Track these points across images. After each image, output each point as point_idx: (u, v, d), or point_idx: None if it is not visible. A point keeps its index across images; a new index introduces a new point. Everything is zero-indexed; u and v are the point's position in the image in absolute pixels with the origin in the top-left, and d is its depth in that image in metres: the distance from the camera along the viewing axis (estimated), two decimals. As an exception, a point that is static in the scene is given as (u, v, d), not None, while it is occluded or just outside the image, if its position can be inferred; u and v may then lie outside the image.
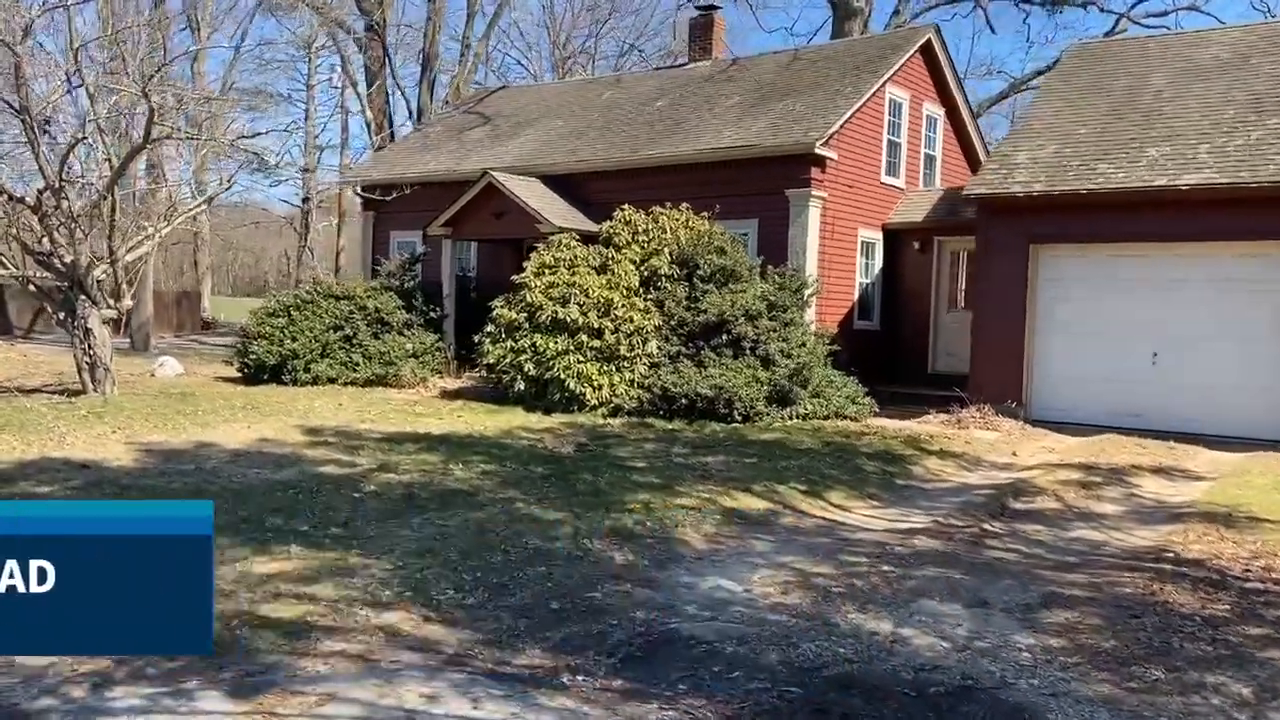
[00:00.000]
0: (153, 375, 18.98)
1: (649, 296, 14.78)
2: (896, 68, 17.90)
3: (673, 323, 14.50)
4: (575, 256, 15.74)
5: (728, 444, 11.80)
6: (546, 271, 15.65)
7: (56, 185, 15.18)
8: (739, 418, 13.22)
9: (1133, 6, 26.22)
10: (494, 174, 17.93)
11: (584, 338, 14.33)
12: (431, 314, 18.76)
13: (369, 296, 18.68)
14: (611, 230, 15.85)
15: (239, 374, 19.00)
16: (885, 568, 7.10)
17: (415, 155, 22.31)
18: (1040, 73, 28.01)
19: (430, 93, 32.93)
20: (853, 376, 14.85)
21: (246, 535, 7.36)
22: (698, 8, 21.85)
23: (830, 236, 16.73)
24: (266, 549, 7.02)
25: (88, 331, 15.48)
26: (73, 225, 15.43)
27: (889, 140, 18.25)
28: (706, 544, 7.73)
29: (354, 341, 18.16)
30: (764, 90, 18.78)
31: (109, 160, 15.44)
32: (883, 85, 17.62)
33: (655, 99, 20.42)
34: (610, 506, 8.55)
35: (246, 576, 6.38)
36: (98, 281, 15.85)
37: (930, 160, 19.78)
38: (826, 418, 13.62)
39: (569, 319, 14.52)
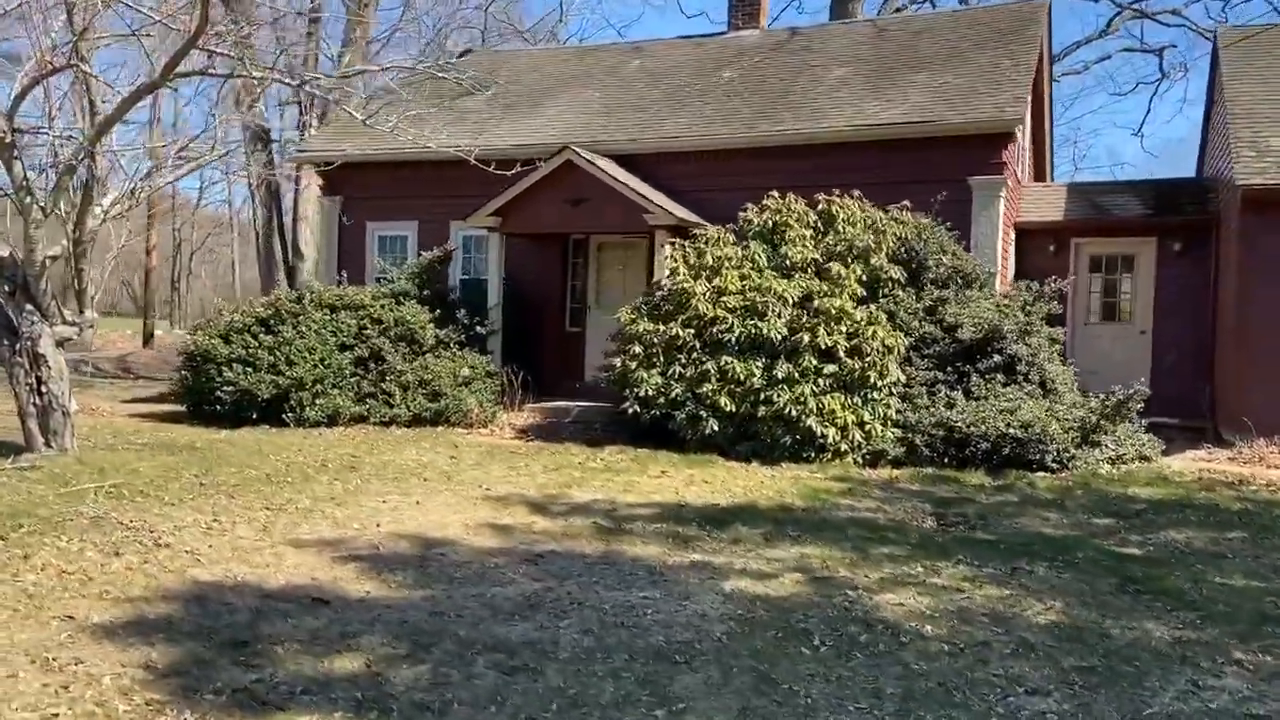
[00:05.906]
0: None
1: (873, 306, 11.46)
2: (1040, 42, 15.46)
3: (912, 340, 11.27)
4: (741, 255, 12.18)
5: (1138, 511, 8.74)
6: (705, 274, 11.99)
7: (7, 137, 9.96)
8: (1052, 464, 10.18)
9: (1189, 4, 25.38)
10: (576, 150, 13.91)
11: (810, 360, 10.80)
12: (477, 329, 14.44)
13: (385, 307, 14.16)
14: (779, 221, 12.38)
15: (187, 410, 13.93)
16: None
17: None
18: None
19: (315, 56, 27.47)
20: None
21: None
22: (739, -32, 18.60)
23: (1005, 234, 14.05)
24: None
25: (38, 358, 10.37)
26: (26, 198, 10.25)
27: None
28: None
29: (377, 367, 13.61)
30: (872, 63, 15.82)
31: (90, 103, 10.31)
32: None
33: (715, 69, 16.99)
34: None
35: None
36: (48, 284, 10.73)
37: (1021, 153, 17.55)
38: (1132, 460, 10.82)
39: (773, 335, 10.97)
